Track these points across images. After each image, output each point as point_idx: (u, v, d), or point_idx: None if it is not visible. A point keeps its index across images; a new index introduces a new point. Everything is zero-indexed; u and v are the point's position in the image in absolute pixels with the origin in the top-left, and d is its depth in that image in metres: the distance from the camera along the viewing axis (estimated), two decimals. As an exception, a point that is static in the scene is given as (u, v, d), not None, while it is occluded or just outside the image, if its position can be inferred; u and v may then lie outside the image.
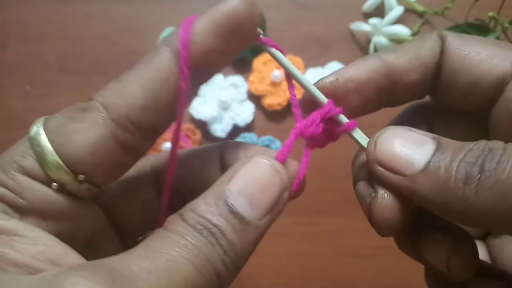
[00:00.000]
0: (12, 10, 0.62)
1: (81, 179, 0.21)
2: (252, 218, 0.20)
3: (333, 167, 0.59)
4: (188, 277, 0.18)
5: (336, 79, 0.24)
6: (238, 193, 0.20)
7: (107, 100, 0.20)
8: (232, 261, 0.20)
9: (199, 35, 0.20)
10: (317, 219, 0.58)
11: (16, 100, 0.60)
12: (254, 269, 0.57)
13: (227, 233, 0.20)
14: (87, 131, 0.20)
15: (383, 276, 0.57)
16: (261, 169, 0.21)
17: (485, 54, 0.23)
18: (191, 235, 0.19)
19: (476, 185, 0.18)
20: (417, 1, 0.63)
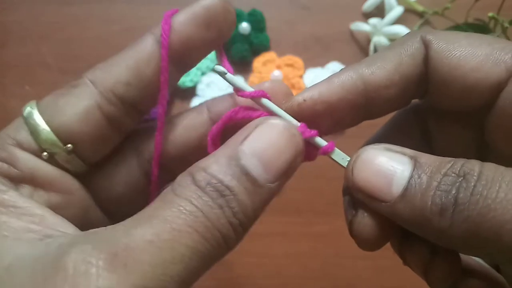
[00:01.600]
0: (12, 10, 0.62)
1: (70, 149, 0.22)
2: (265, 181, 0.20)
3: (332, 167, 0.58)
4: (193, 246, 0.18)
5: (303, 100, 0.23)
6: (252, 155, 0.20)
7: (94, 76, 0.23)
8: (241, 223, 0.20)
9: (179, 24, 0.23)
10: (315, 219, 0.58)
11: (16, 100, 0.60)
12: (252, 269, 0.57)
13: (239, 195, 0.19)
14: (75, 102, 0.22)
15: (382, 276, 0.57)
16: (278, 132, 0.21)
17: (476, 60, 0.21)
18: (199, 200, 0.19)
19: (450, 218, 0.18)
20: (417, 1, 0.63)
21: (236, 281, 0.57)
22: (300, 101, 0.23)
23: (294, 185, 0.59)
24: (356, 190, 0.21)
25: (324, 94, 0.23)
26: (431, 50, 0.22)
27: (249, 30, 0.60)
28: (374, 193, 0.21)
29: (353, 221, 0.22)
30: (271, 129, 0.21)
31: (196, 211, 0.19)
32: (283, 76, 0.60)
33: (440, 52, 0.22)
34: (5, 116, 0.59)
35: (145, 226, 0.18)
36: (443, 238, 0.19)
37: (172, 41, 0.23)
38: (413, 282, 0.57)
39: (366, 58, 0.23)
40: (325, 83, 0.23)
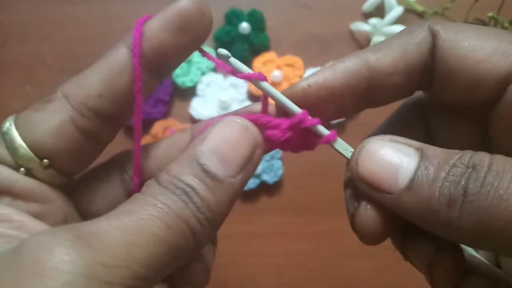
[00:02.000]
0: (12, 10, 0.62)
1: (46, 164, 0.22)
2: (224, 176, 0.21)
3: (332, 167, 0.58)
4: (157, 233, 0.19)
5: (308, 85, 0.23)
6: (209, 153, 0.21)
7: (67, 90, 0.23)
8: (206, 217, 0.20)
9: (151, 31, 0.22)
10: (316, 218, 0.58)
11: (16, 100, 0.60)
12: (253, 268, 0.57)
13: (200, 192, 0.20)
14: (48, 118, 0.22)
15: (382, 276, 0.57)
16: (231, 127, 0.22)
17: (484, 52, 0.21)
18: (163, 196, 0.20)
19: (459, 209, 0.18)
20: (417, 1, 0.63)
21: (236, 281, 0.57)
22: (305, 86, 0.23)
23: (294, 185, 0.59)
24: (360, 181, 0.21)
25: (329, 79, 0.22)
26: (439, 40, 0.22)
27: (249, 30, 0.60)
28: (379, 185, 0.20)
29: (356, 214, 0.22)
30: (226, 127, 0.22)
31: (161, 204, 0.19)
32: (283, 76, 0.60)
33: (448, 43, 0.21)
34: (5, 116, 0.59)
35: (112, 217, 0.19)
36: (451, 230, 0.19)
37: (144, 49, 0.22)
38: (413, 282, 0.57)
39: (372, 45, 0.23)
40: (329, 68, 0.23)
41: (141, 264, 0.18)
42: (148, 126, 0.59)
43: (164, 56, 0.23)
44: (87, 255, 0.17)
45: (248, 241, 0.58)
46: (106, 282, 0.17)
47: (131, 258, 0.18)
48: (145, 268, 0.18)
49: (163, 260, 0.19)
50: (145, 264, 0.18)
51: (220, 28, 0.61)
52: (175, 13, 0.22)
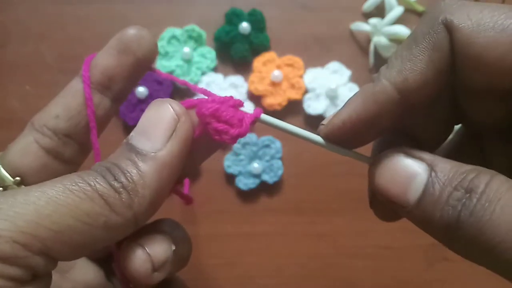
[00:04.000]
0: (12, 10, 0.62)
1: (18, 181, 0.26)
2: (149, 150, 0.22)
3: (334, 167, 0.59)
4: (52, 195, 0.20)
5: (343, 124, 0.23)
6: (137, 134, 0.23)
7: (34, 118, 0.27)
8: (124, 185, 0.21)
9: (98, 59, 0.27)
10: (316, 218, 0.58)
11: (16, 100, 0.60)
12: (253, 268, 0.57)
13: (122, 166, 0.22)
14: (18, 141, 0.27)
15: (382, 276, 0.57)
16: (152, 107, 0.24)
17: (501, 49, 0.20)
18: (81, 174, 0.21)
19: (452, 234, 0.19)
20: (417, 1, 0.63)
21: (236, 280, 0.57)
22: (340, 125, 0.23)
23: (294, 185, 0.59)
24: (378, 193, 0.22)
25: (361, 112, 0.22)
26: (456, 36, 0.21)
27: (249, 30, 0.60)
28: (393, 199, 0.21)
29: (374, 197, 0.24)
30: (149, 108, 0.24)
31: (73, 177, 0.21)
32: (283, 76, 0.60)
33: (465, 40, 0.20)
34: (5, 116, 0.59)
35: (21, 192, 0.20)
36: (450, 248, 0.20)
37: (93, 74, 0.27)
38: (413, 282, 0.57)
39: (393, 59, 0.22)
40: (359, 99, 0.22)
41: (26, 219, 0.19)
42: (148, 126, 0.59)
43: (111, 78, 0.27)
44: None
45: (248, 241, 0.58)
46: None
47: (13, 212, 0.19)
48: (32, 224, 0.19)
49: (60, 220, 0.19)
50: (31, 219, 0.19)
51: (220, 28, 0.61)
52: (116, 39, 0.27)
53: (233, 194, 0.59)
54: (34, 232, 0.19)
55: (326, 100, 0.60)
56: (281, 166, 0.58)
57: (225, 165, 0.58)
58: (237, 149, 0.58)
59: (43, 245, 0.19)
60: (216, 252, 0.58)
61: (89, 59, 0.27)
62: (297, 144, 0.59)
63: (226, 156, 0.58)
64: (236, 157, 0.58)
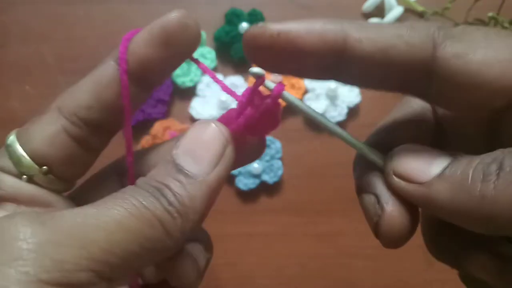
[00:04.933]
0: (12, 10, 0.62)
1: (45, 170, 0.24)
2: (197, 173, 0.22)
3: (333, 167, 0.59)
4: (119, 220, 0.19)
5: (277, 34, 0.21)
6: (183, 154, 0.22)
7: (60, 102, 0.24)
8: (178, 210, 0.21)
9: (137, 45, 0.24)
10: (317, 219, 0.58)
11: (16, 100, 0.60)
12: (254, 269, 0.57)
13: (172, 188, 0.21)
14: (44, 128, 0.24)
15: (383, 276, 0.57)
16: (202, 128, 0.23)
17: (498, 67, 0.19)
18: (134, 193, 0.21)
19: (494, 181, 0.17)
20: (417, 1, 0.63)
21: (236, 281, 0.57)
22: (273, 33, 0.21)
23: (294, 185, 0.59)
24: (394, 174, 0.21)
25: (301, 36, 0.20)
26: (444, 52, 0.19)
27: (249, 30, 0.60)
28: (411, 174, 0.20)
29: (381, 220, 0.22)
30: (197, 128, 0.23)
31: (128, 197, 0.20)
32: (282, 76, 0.60)
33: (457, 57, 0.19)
34: (5, 116, 0.59)
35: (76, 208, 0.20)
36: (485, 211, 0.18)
37: (130, 63, 0.23)
38: (413, 282, 0.57)
39: (364, 22, 0.22)
40: (306, 25, 0.21)
41: (99, 246, 0.18)
42: (148, 126, 0.59)
43: (149, 69, 0.24)
44: (40, 232, 0.18)
45: (247, 241, 0.58)
46: (58, 260, 0.18)
47: (86, 239, 0.18)
48: (105, 252, 0.19)
49: (128, 247, 0.19)
50: (104, 247, 0.19)
51: (220, 28, 0.61)
52: (160, 27, 0.23)
53: (233, 194, 0.59)
54: (107, 260, 0.19)
55: (326, 100, 0.60)
56: (281, 166, 0.58)
57: (225, 165, 0.58)
58: (237, 149, 0.58)
59: (111, 272, 0.19)
60: (216, 252, 0.57)
61: (127, 39, 0.24)
62: (297, 144, 0.59)
63: (226, 156, 0.58)
64: (236, 157, 0.58)
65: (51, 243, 0.18)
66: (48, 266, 0.17)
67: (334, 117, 0.59)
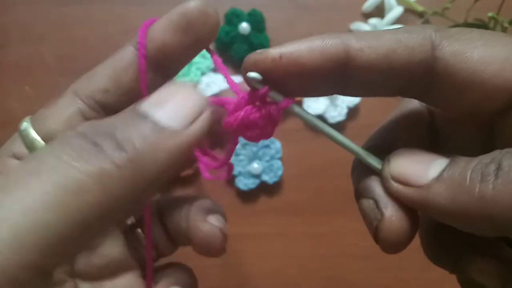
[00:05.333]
0: (12, 10, 0.62)
1: None
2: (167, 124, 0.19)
3: (333, 167, 0.59)
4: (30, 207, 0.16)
5: (280, 57, 0.21)
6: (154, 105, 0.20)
7: (77, 86, 0.24)
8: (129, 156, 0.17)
9: (156, 31, 0.23)
10: (316, 219, 0.58)
11: (16, 101, 0.60)
12: (252, 269, 0.57)
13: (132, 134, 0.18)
14: (60, 110, 0.24)
15: (382, 276, 0.57)
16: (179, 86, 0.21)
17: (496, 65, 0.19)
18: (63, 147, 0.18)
19: (493, 181, 0.17)
20: (417, 1, 0.63)
21: (236, 281, 0.57)
22: (276, 56, 0.21)
23: (294, 185, 0.59)
24: (392, 178, 0.21)
25: (304, 56, 0.21)
26: (442, 52, 0.20)
27: (249, 30, 0.60)
28: (409, 178, 0.20)
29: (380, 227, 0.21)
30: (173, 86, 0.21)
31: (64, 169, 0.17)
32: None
33: (457, 55, 0.20)
34: (5, 116, 0.59)
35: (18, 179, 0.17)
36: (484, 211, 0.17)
37: (149, 48, 0.23)
38: (413, 282, 0.57)
39: (362, 31, 0.23)
40: (305, 43, 0.21)
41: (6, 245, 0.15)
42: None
43: (168, 56, 0.24)
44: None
45: (247, 242, 0.58)
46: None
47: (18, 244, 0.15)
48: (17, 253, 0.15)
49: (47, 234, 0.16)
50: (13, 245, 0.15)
51: (219, 28, 0.61)
52: (179, 14, 0.23)
53: (233, 194, 0.59)
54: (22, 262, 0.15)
55: (326, 100, 0.60)
56: (281, 166, 0.58)
57: (225, 165, 0.58)
58: (237, 149, 0.58)
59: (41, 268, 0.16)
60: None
61: (147, 25, 0.24)
62: (297, 144, 0.59)
63: (226, 156, 0.58)
64: (236, 157, 0.58)
65: None
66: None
67: (334, 117, 0.59)
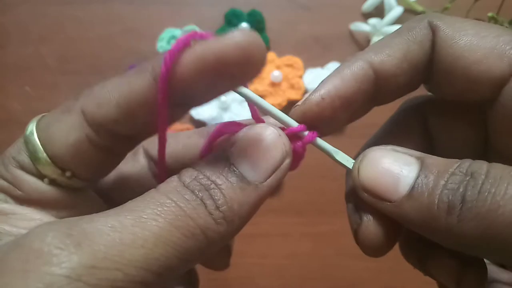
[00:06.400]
0: (12, 11, 0.62)
1: (68, 175, 0.22)
2: (252, 179, 0.20)
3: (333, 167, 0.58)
4: (160, 234, 0.18)
5: (322, 98, 0.22)
6: (240, 155, 0.20)
7: (86, 106, 0.21)
8: (225, 216, 0.19)
9: (182, 67, 0.19)
10: (317, 219, 0.58)
11: (16, 101, 0.60)
12: (254, 269, 0.57)
13: (224, 189, 0.19)
14: (66, 133, 0.21)
15: (382, 276, 0.57)
16: (264, 133, 0.21)
17: (479, 53, 0.21)
18: (177, 194, 0.19)
19: (458, 215, 0.18)
20: (416, 1, 0.63)
21: (236, 281, 0.57)
22: (318, 100, 0.22)
23: (294, 186, 0.59)
24: (362, 190, 0.21)
25: (340, 88, 0.22)
26: (438, 37, 0.22)
27: (249, 31, 0.60)
28: (380, 193, 0.20)
29: (358, 231, 0.22)
30: (258, 131, 0.21)
31: (169, 203, 0.18)
32: (283, 76, 0.60)
33: (445, 41, 0.21)
34: (5, 117, 0.59)
35: (111, 215, 0.18)
36: (451, 237, 0.19)
37: (171, 84, 0.19)
38: (412, 282, 0.57)
39: (372, 45, 0.23)
40: (338, 76, 0.22)
41: (136, 266, 0.17)
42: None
43: (191, 95, 0.20)
44: (74, 256, 0.17)
45: (248, 242, 0.58)
46: (92, 285, 0.16)
47: (123, 260, 0.17)
48: (142, 271, 0.17)
49: (166, 263, 0.18)
50: (142, 266, 0.17)
51: (219, 28, 0.61)
52: (215, 53, 0.18)
53: (233, 194, 0.59)
54: (143, 279, 0.17)
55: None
56: (281, 166, 0.58)
57: (225, 165, 0.58)
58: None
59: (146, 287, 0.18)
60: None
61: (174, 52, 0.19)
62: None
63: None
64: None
65: (86, 267, 0.17)
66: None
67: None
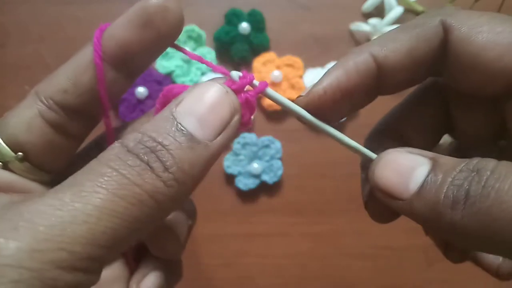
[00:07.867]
0: (12, 10, 0.62)
1: (20, 157, 0.23)
2: (201, 137, 0.20)
3: (333, 167, 0.59)
4: (103, 206, 0.17)
5: (324, 92, 0.23)
6: (186, 113, 0.20)
7: (38, 87, 0.24)
8: (176, 177, 0.19)
9: (115, 28, 0.23)
10: (316, 219, 0.58)
11: (15, 100, 0.59)
12: (252, 269, 0.57)
13: (172, 149, 0.19)
14: (20, 113, 0.24)
15: (382, 276, 0.57)
16: (210, 90, 0.21)
17: (497, 50, 0.20)
18: (118, 161, 0.18)
19: (462, 210, 0.18)
20: (416, 1, 0.63)
21: (236, 281, 0.57)
22: (320, 93, 0.23)
23: (294, 185, 0.59)
24: (376, 189, 0.22)
25: (343, 81, 0.23)
26: (453, 35, 0.22)
27: (249, 30, 0.60)
28: (392, 191, 0.21)
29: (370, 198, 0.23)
30: (204, 89, 0.21)
31: (110, 172, 0.18)
32: (283, 76, 0.60)
33: (462, 39, 0.21)
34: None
35: (51, 192, 0.18)
36: (455, 232, 0.19)
37: (107, 46, 0.23)
38: (412, 282, 0.57)
39: (379, 37, 0.24)
40: (340, 69, 0.23)
41: (81, 243, 0.16)
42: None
43: (128, 53, 0.23)
44: (12, 242, 0.16)
45: (247, 242, 0.58)
46: (36, 269, 0.16)
47: (66, 238, 0.16)
48: (88, 247, 0.17)
49: (116, 234, 0.17)
50: (87, 242, 0.17)
51: (219, 28, 0.61)
52: (137, 9, 0.23)
53: (233, 194, 0.59)
54: (91, 254, 0.17)
55: (326, 100, 0.60)
56: (281, 166, 0.58)
57: (224, 165, 0.58)
58: (236, 149, 0.58)
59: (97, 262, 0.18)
60: (216, 253, 0.58)
61: (102, 29, 0.24)
62: (297, 144, 0.59)
63: (226, 156, 0.58)
64: (235, 157, 0.58)
65: (25, 252, 0.16)
66: (27, 279, 0.16)
67: (334, 117, 0.59)
